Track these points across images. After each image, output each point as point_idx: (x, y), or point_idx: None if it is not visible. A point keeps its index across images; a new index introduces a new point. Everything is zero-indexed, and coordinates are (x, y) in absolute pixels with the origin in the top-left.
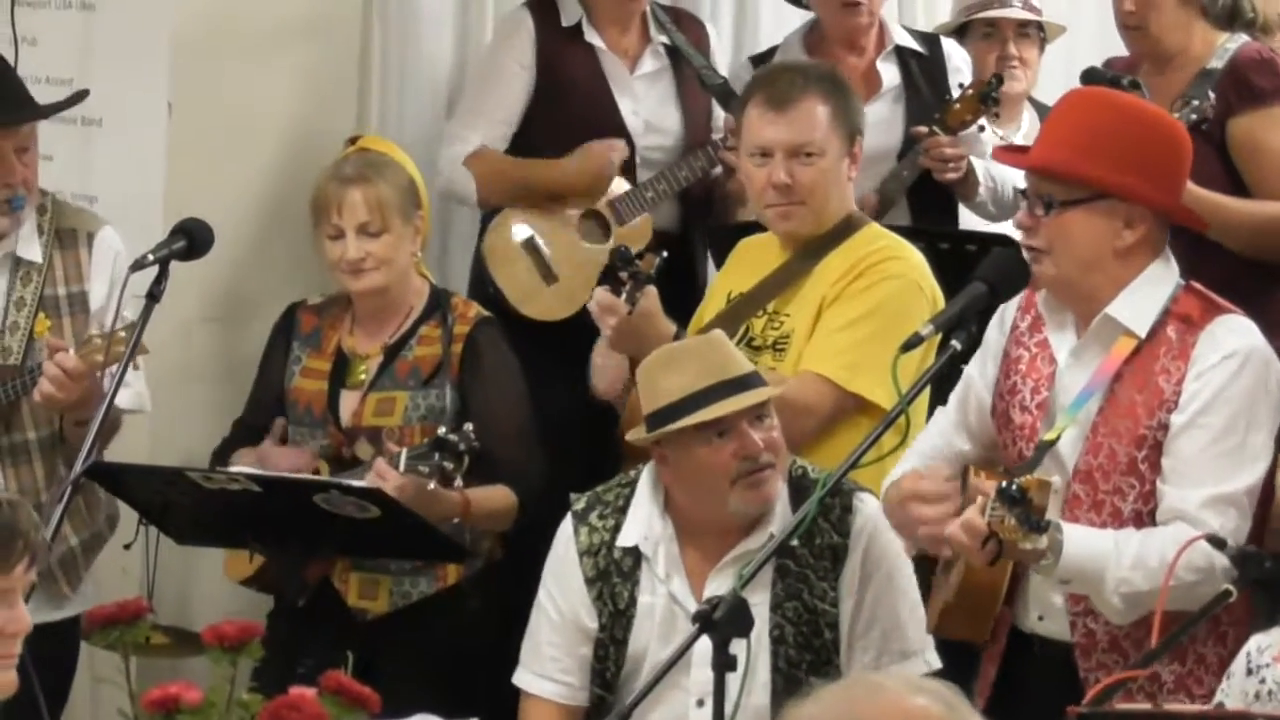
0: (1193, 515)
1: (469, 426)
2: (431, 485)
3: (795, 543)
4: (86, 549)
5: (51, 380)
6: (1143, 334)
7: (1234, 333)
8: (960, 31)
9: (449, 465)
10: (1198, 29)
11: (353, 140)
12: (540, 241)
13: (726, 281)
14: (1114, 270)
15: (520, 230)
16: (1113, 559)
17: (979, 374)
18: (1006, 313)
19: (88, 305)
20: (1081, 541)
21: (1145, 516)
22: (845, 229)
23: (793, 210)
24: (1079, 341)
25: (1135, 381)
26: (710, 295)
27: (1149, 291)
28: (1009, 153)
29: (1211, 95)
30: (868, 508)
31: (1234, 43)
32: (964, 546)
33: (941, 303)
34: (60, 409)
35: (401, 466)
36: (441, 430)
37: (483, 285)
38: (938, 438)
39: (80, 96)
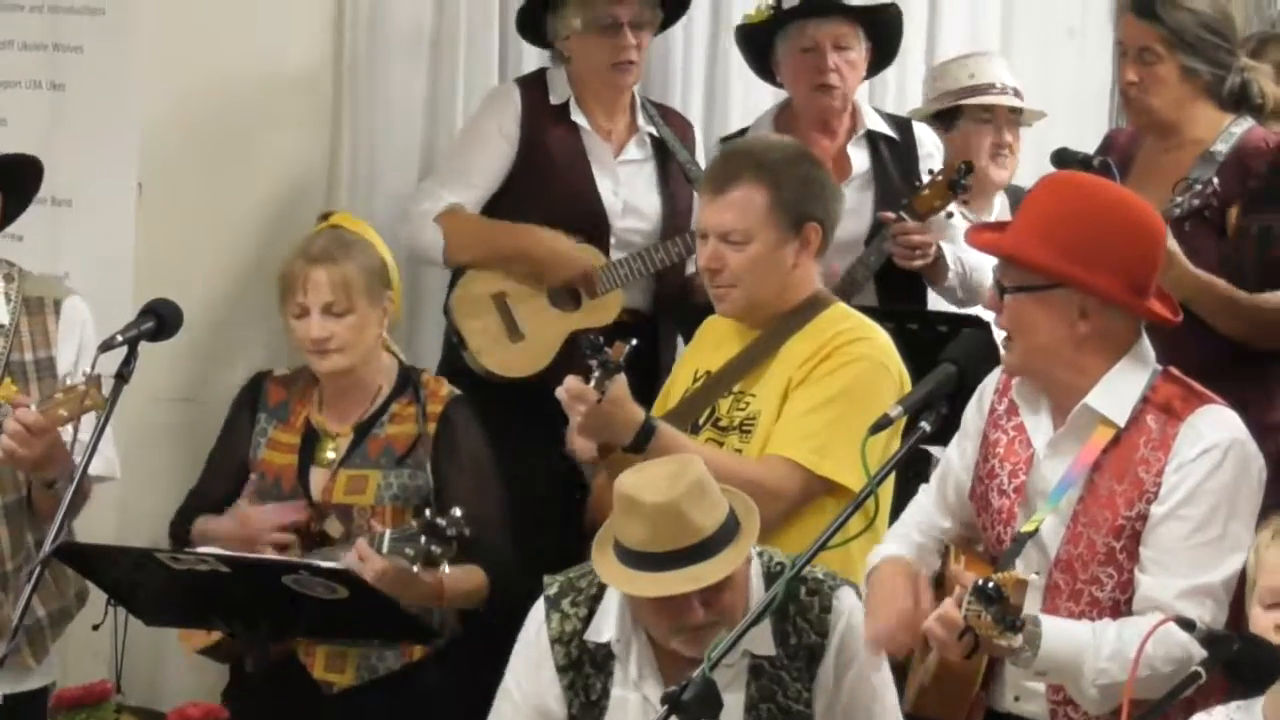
0: (1169, 605)
1: (458, 512)
2: (415, 569)
3: (771, 649)
4: (54, 622)
5: (13, 436)
6: (1122, 423)
7: (1216, 425)
8: (944, 114)
9: (437, 550)
10: (1201, 108)
11: (325, 216)
12: (510, 300)
13: (693, 359)
14: (1076, 359)
15: (490, 286)
16: (1090, 651)
17: (958, 455)
18: (984, 396)
19: (55, 370)
20: (1059, 634)
21: (1123, 605)
22: (810, 309)
23: (725, 293)
24: (1058, 433)
25: (1115, 471)
26: (677, 371)
27: (1126, 382)
28: (978, 232)
29: (1215, 180)
30: (844, 604)
31: (1239, 126)
32: (940, 639)
33: (908, 383)
34: (24, 467)
35: (385, 549)
36: (428, 513)
37: (449, 339)
38: (920, 514)
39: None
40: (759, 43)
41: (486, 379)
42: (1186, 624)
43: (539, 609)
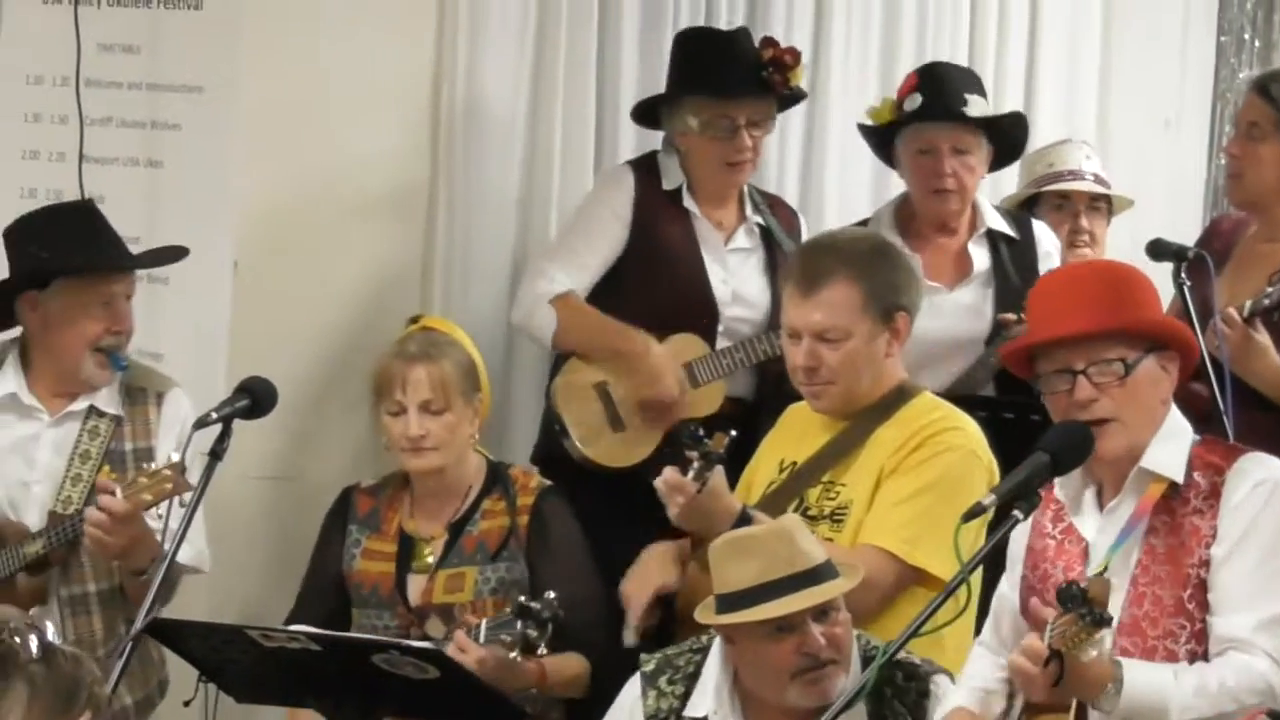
0: (1246, 640)
1: (551, 595)
2: (514, 655)
3: None
4: (139, 710)
5: (96, 524)
6: (1179, 478)
7: (1260, 465)
8: (1029, 203)
9: (533, 633)
10: None
11: (414, 319)
12: (612, 389)
13: (777, 448)
14: (1158, 421)
15: (593, 375)
16: (1173, 688)
17: (1008, 585)
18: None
19: (154, 461)
20: (1142, 671)
21: (1200, 659)
22: (897, 399)
23: (822, 390)
24: (1114, 501)
25: (1172, 527)
26: (759, 460)
27: (1175, 439)
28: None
29: None
30: (941, 690)
31: None
32: (1025, 671)
33: (997, 472)
34: (110, 555)
35: (482, 638)
36: (523, 598)
37: (549, 423)
38: (978, 664)
39: (181, 253)
40: (880, 135)
41: (584, 466)
42: (1276, 716)
43: (634, 685)
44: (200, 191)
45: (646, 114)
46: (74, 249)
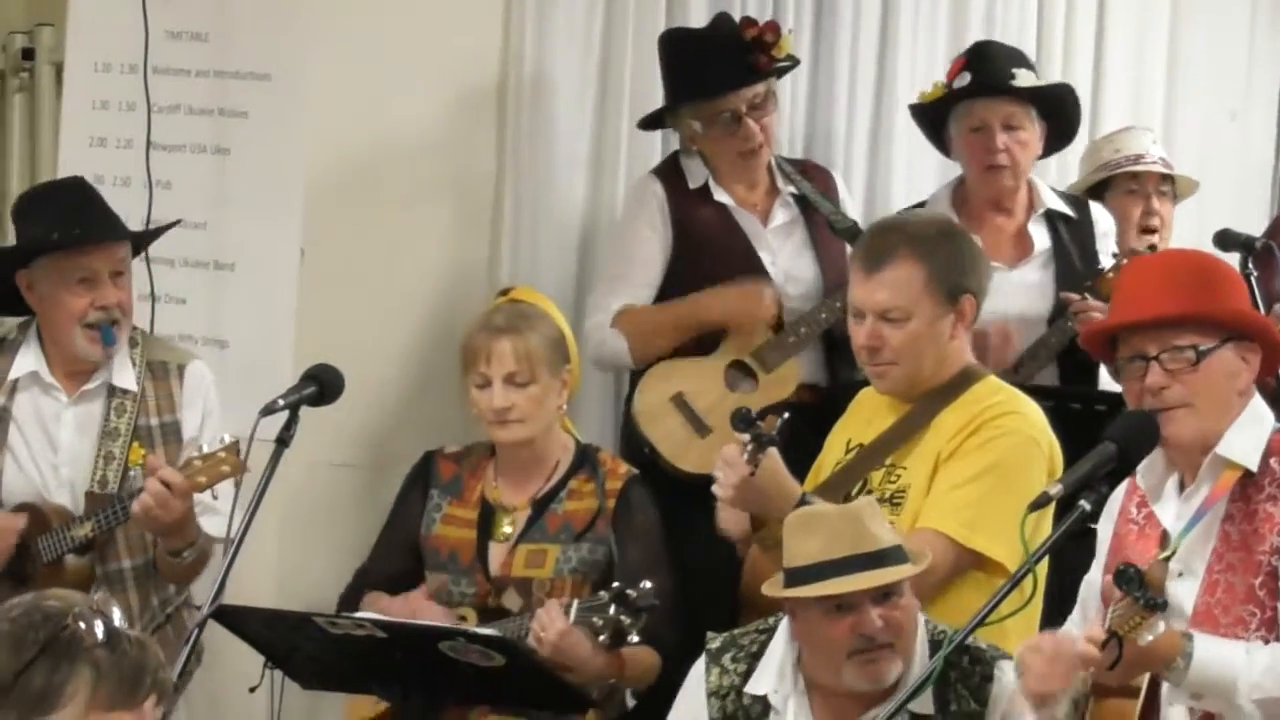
0: None
1: (648, 585)
2: (602, 638)
3: (930, 709)
4: (179, 677)
5: (155, 496)
6: (1254, 467)
7: None
8: (1096, 187)
9: (627, 620)
10: None
11: (504, 292)
12: (689, 396)
13: (845, 430)
14: (1235, 411)
15: (667, 389)
16: (1244, 665)
17: (1096, 569)
18: (1113, 505)
19: (181, 434)
20: (1212, 646)
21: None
22: (961, 382)
23: (885, 370)
24: (1191, 488)
25: (1247, 514)
26: (830, 444)
27: (1254, 427)
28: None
29: None
30: (1006, 677)
31: None
32: (1087, 654)
33: (1059, 457)
34: (158, 529)
35: (573, 617)
36: (621, 585)
37: (634, 447)
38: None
39: (169, 226)
40: (932, 118)
41: (678, 479)
42: None
43: (700, 663)
44: (267, 178)
45: (656, 122)
46: (53, 226)
